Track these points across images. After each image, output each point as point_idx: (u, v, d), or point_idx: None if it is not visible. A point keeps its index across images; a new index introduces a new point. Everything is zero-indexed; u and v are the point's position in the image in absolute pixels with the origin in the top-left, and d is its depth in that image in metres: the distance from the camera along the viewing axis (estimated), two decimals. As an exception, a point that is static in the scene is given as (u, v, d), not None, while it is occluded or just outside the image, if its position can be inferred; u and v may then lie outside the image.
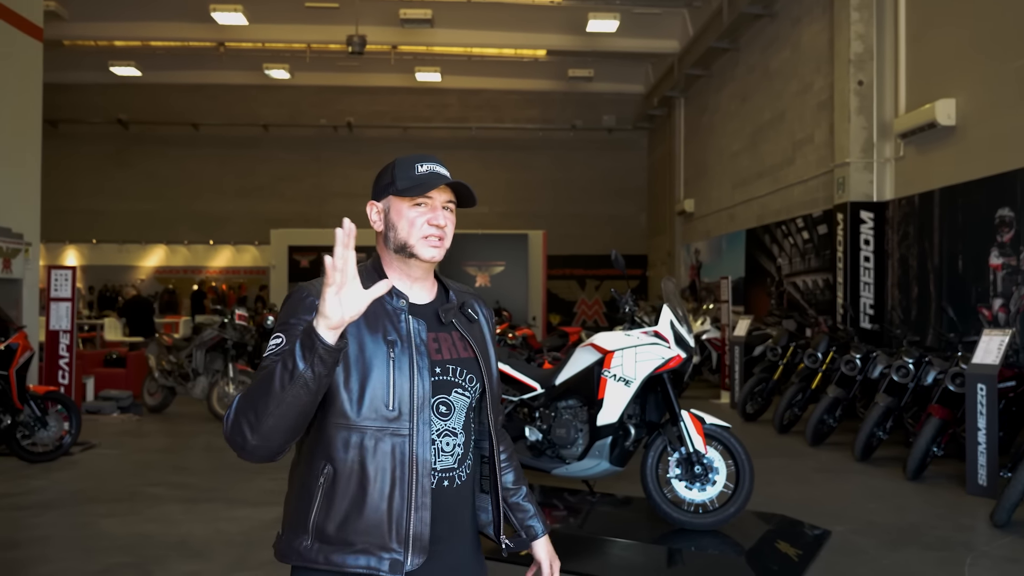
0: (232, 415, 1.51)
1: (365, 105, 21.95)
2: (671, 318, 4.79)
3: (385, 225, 1.78)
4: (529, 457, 5.07)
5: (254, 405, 1.48)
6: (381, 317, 1.69)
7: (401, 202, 1.77)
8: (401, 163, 1.82)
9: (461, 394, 1.77)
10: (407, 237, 1.75)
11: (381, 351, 1.66)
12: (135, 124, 21.68)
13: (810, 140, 12.00)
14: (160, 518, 5.34)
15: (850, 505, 5.72)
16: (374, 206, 1.81)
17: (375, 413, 1.63)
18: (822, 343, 8.51)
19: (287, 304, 1.69)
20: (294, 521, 1.66)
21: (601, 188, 22.14)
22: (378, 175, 1.85)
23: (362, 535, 1.61)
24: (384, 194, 1.80)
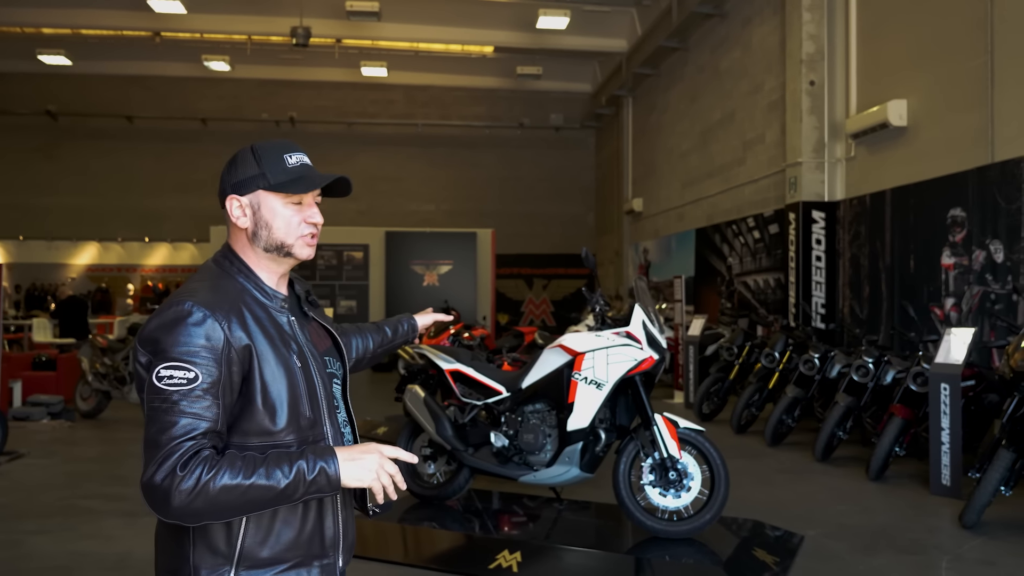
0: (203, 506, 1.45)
1: (309, 100, 21.43)
2: (643, 318, 4.62)
3: (255, 223, 1.67)
4: (495, 464, 4.85)
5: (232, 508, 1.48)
6: (276, 328, 1.65)
7: (274, 198, 1.67)
8: (266, 152, 1.69)
9: (337, 382, 1.79)
10: (284, 237, 1.67)
11: (286, 361, 1.62)
12: (65, 116, 20.75)
13: (761, 140, 12.03)
14: (97, 534, 4.97)
15: (818, 507, 5.65)
16: (236, 200, 1.67)
17: (295, 423, 1.60)
18: (779, 342, 8.47)
19: (176, 327, 1.52)
20: (204, 554, 1.56)
21: (549, 187, 22.02)
22: (234, 165, 1.70)
23: (294, 550, 1.60)
24: (250, 188, 1.66)
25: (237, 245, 1.70)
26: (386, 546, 4.65)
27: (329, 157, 21.55)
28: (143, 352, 1.54)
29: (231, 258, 1.70)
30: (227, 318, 1.56)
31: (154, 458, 1.47)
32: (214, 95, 21.14)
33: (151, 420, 1.50)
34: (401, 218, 20.86)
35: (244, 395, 1.57)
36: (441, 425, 4.98)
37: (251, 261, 1.69)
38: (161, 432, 1.47)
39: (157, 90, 20.99)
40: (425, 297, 17.22)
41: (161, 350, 1.51)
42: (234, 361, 1.55)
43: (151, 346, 1.53)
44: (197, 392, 1.49)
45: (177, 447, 1.46)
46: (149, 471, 1.47)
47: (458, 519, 4.95)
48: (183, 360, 1.49)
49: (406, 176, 21.78)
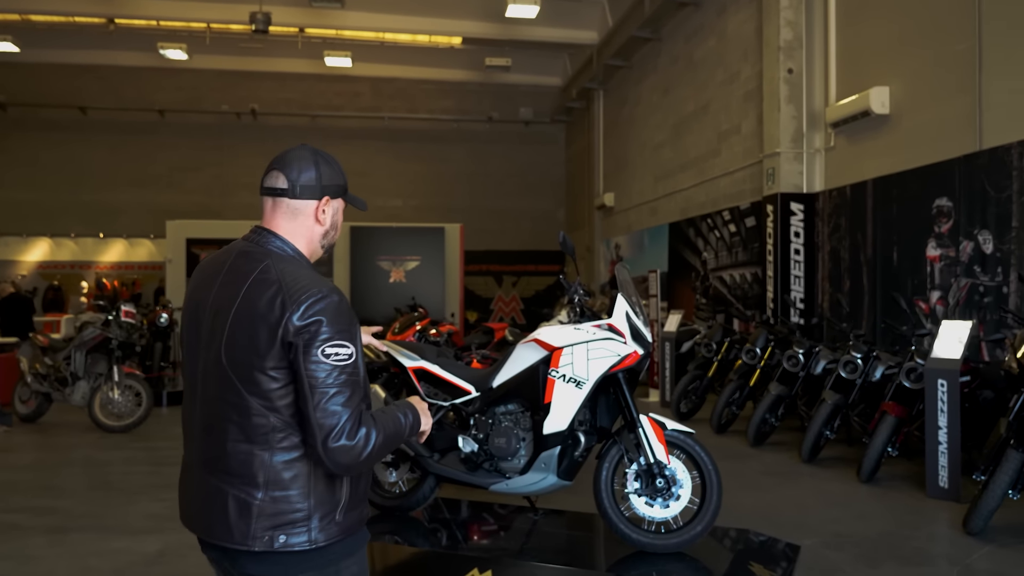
0: (374, 450, 1.78)
1: (271, 91, 20.76)
2: (626, 309, 4.18)
3: (331, 224, 1.94)
4: (463, 472, 4.39)
5: (379, 456, 1.81)
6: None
7: (342, 205, 1.98)
8: (336, 164, 1.96)
9: None
10: (335, 238, 1.98)
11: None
12: (14, 106, 19.89)
13: (736, 131, 11.70)
14: (16, 554, 4.44)
15: (810, 514, 5.28)
16: (330, 204, 1.93)
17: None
18: (760, 338, 8.12)
19: (339, 312, 1.79)
20: (320, 502, 1.81)
21: (518, 182, 21.58)
22: (318, 167, 1.90)
23: (363, 496, 1.93)
24: (338, 194, 1.94)
25: (292, 235, 1.90)
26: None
27: (292, 151, 20.92)
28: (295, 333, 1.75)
29: (295, 250, 1.90)
30: None
31: (338, 425, 1.74)
32: (172, 86, 20.39)
33: (323, 391, 1.75)
34: (368, 213, 19.69)
35: None
36: (404, 429, 4.51)
37: (303, 249, 1.92)
38: (343, 401, 1.76)
39: (111, 80, 20.18)
40: (391, 294, 16.69)
41: (334, 328, 1.76)
42: None
43: (325, 322, 1.76)
44: (352, 366, 1.78)
45: (355, 412, 1.77)
46: (338, 436, 1.74)
47: (423, 532, 4.49)
48: (348, 341, 1.78)
49: (373, 170, 21.18)
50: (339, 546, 1.86)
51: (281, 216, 1.91)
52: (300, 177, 1.88)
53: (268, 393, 1.78)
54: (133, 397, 8.44)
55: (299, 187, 1.88)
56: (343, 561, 1.87)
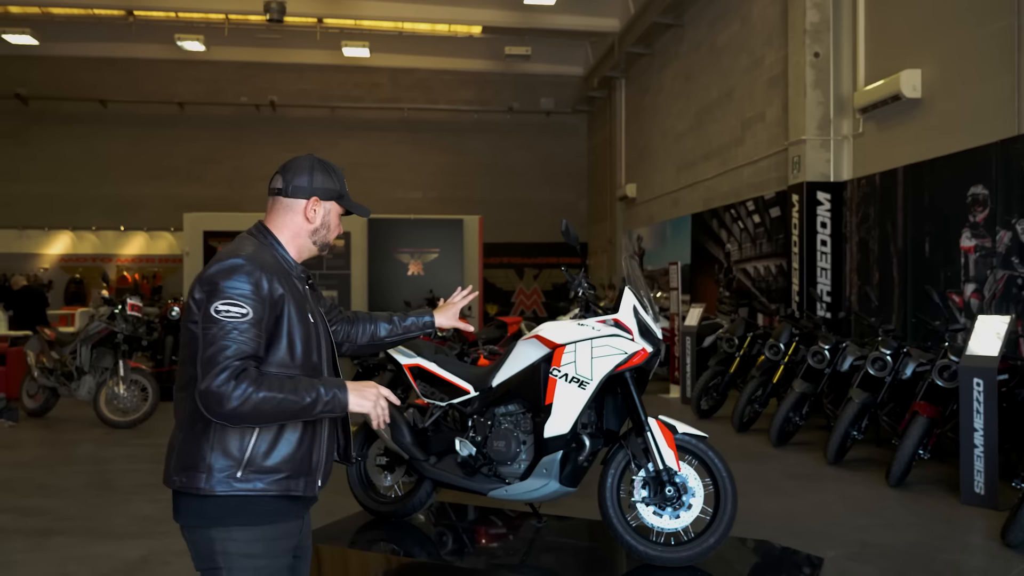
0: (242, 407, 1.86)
1: (290, 83, 20.61)
2: (634, 303, 3.89)
3: (321, 223, 2.16)
4: (460, 476, 4.11)
5: (266, 414, 1.90)
6: (300, 292, 2.10)
7: (338, 209, 2.21)
8: (338, 172, 2.22)
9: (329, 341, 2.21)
10: (331, 238, 2.21)
11: (304, 315, 2.07)
12: (36, 100, 19.92)
13: (761, 118, 11.31)
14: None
15: (835, 521, 4.95)
16: (320, 204, 2.16)
17: (307, 364, 2.05)
18: (784, 333, 7.77)
19: (230, 274, 1.94)
20: (220, 455, 1.93)
21: (539, 173, 21.26)
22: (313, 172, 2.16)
23: (288, 464, 1.99)
24: (330, 197, 2.17)
25: (278, 227, 2.15)
26: (329, 574, 3.94)
27: (311, 143, 20.76)
28: (200, 290, 1.95)
29: (265, 233, 2.15)
30: (270, 274, 1.99)
31: (211, 370, 1.87)
32: (191, 78, 20.32)
33: (208, 343, 1.89)
34: (387, 205, 20.05)
35: (275, 333, 2.00)
36: (397, 430, 4.25)
37: (284, 240, 2.15)
38: (219, 352, 1.88)
39: (131, 73, 20.15)
40: (410, 287, 16.49)
41: (219, 290, 1.92)
42: (272, 305, 1.98)
43: (210, 286, 1.93)
44: (245, 325, 1.90)
45: (230, 364, 1.87)
46: (207, 380, 1.87)
47: (418, 540, 4.24)
48: (237, 299, 1.91)
49: (392, 162, 21.00)
50: (234, 505, 1.94)
51: (275, 212, 2.18)
52: (294, 179, 2.16)
53: (192, 344, 1.97)
54: (139, 392, 8.27)
55: (291, 187, 2.15)
56: (235, 526, 1.94)
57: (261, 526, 1.97)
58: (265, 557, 1.98)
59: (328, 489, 5.18)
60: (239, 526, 1.95)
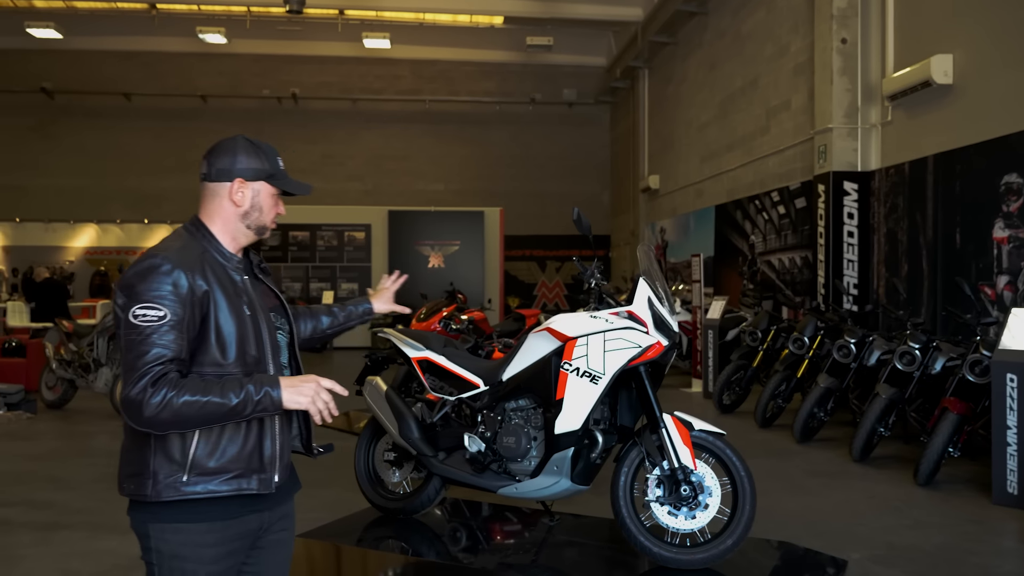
0: (161, 413, 1.79)
1: (311, 75, 20.56)
2: (649, 294, 3.74)
3: (251, 205, 2.06)
4: (469, 473, 3.99)
5: (191, 419, 1.82)
6: (231, 282, 2.00)
7: (269, 190, 2.08)
8: (266, 151, 2.10)
9: (282, 335, 2.15)
10: (266, 220, 2.10)
11: (238, 308, 1.97)
12: (61, 94, 20.03)
13: (786, 107, 11.06)
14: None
15: (860, 521, 4.77)
16: (246, 186, 2.05)
17: (242, 359, 1.96)
18: (808, 326, 7.57)
19: (148, 275, 1.87)
20: (164, 461, 1.88)
21: (562, 165, 21.06)
22: (236, 154, 2.05)
23: (236, 463, 1.93)
24: (255, 176, 2.05)
25: (209, 216, 2.05)
26: (333, 573, 3.84)
27: (333, 135, 20.75)
28: (121, 295, 1.87)
29: (198, 226, 2.05)
30: (191, 270, 1.89)
31: (130, 378, 1.82)
32: (213, 71, 20.33)
33: (128, 349, 1.83)
34: (408, 198, 19.99)
35: (202, 332, 1.91)
36: (405, 425, 4.14)
37: (216, 229, 2.04)
38: (137, 358, 1.81)
39: (155, 67, 20.20)
40: (431, 279, 16.40)
41: (136, 294, 1.85)
42: (195, 304, 1.89)
43: (128, 290, 1.86)
44: (165, 328, 1.83)
45: (149, 369, 1.81)
46: (126, 388, 1.81)
47: (427, 539, 4.13)
48: (154, 302, 1.84)
49: (413, 154, 20.90)
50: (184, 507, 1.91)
51: (204, 200, 2.07)
52: (216, 162, 2.04)
53: (120, 350, 1.93)
54: (155, 384, 8.24)
55: (215, 171, 2.04)
56: (170, 524, 1.91)
57: (194, 528, 1.91)
58: (192, 561, 1.91)
59: (337, 485, 5.11)
60: (173, 524, 1.90)
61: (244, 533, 1.98)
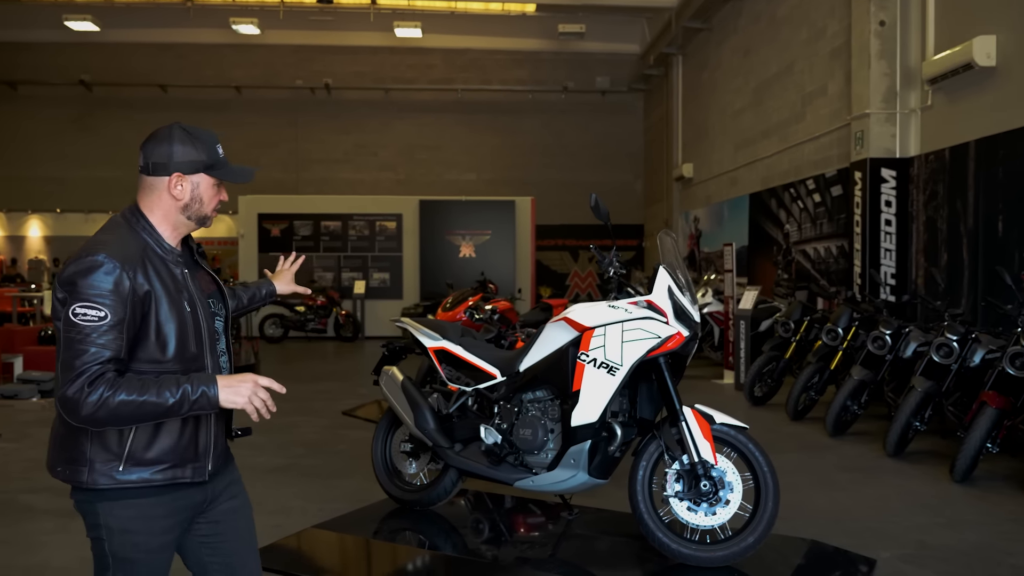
0: (98, 412, 1.81)
1: (344, 65, 20.59)
2: (669, 283, 3.62)
3: (191, 198, 2.05)
4: (485, 465, 3.92)
5: (128, 416, 1.84)
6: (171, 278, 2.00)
7: (209, 180, 2.08)
8: (202, 139, 2.08)
9: (219, 320, 2.17)
10: (207, 211, 2.09)
11: (179, 304, 1.98)
12: (99, 86, 20.31)
13: (822, 92, 10.79)
14: (17, 539, 4.22)
15: (891, 519, 4.61)
16: (184, 179, 2.03)
17: (180, 355, 1.97)
18: (843, 317, 7.37)
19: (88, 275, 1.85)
20: (99, 451, 1.92)
21: (594, 154, 20.87)
22: (172, 145, 2.03)
23: (172, 454, 1.97)
24: (193, 169, 2.04)
25: (148, 208, 2.03)
26: (348, 565, 3.79)
27: (366, 125, 20.77)
28: (61, 290, 1.89)
29: (138, 216, 2.03)
30: (133, 269, 1.90)
31: (68, 377, 1.84)
32: (247, 62, 20.46)
33: (66, 347, 1.85)
34: (441, 187, 19.96)
35: (142, 330, 1.93)
36: (421, 416, 4.08)
37: (156, 221, 2.03)
38: (75, 357, 1.83)
39: (190, 58, 20.38)
40: (461, 269, 16.36)
41: (77, 291, 1.85)
42: (136, 304, 1.90)
43: (69, 287, 1.86)
44: (104, 328, 1.84)
45: (87, 369, 1.83)
46: (63, 387, 1.84)
47: (443, 531, 4.07)
48: (95, 301, 1.84)
49: (446, 144, 20.86)
50: (119, 492, 1.94)
51: (142, 191, 2.06)
52: (152, 154, 2.03)
53: (57, 344, 1.93)
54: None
55: (151, 164, 2.03)
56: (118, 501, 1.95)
57: (141, 502, 1.96)
58: (143, 534, 1.97)
59: (358, 474, 5.08)
60: (121, 501, 1.95)
61: (190, 505, 2.05)
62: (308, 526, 4.20)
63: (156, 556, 2.00)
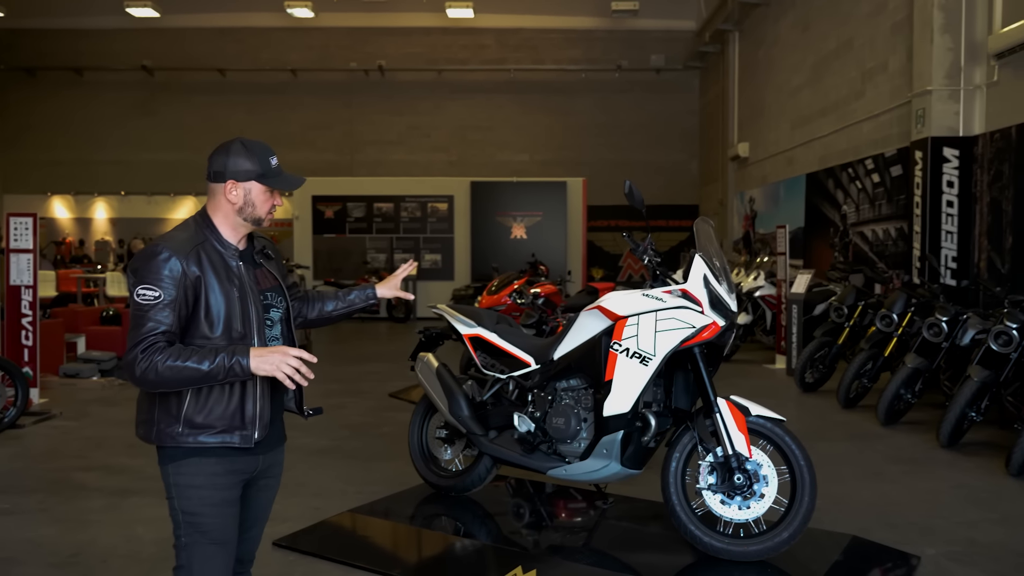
0: (150, 375, 2.13)
1: (397, 47, 20.66)
2: (705, 271, 3.54)
3: (244, 202, 2.34)
4: (518, 453, 3.91)
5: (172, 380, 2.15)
6: (225, 268, 2.31)
7: (260, 187, 2.35)
8: (256, 152, 2.36)
9: (275, 311, 2.45)
10: (260, 213, 2.37)
11: (228, 290, 2.29)
12: (160, 71, 20.77)
13: (883, 68, 10.42)
14: (68, 517, 4.36)
15: (941, 514, 4.46)
16: (237, 186, 2.33)
17: (227, 334, 2.28)
18: (898, 302, 7.14)
19: (148, 262, 2.21)
20: (164, 414, 2.26)
21: (648, 133, 20.57)
22: (229, 155, 2.34)
23: (221, 420, 2.27)
24: (246, 178, 2.33)
25: (212, 210, 2.36)
26: (382, 549, 3.83)
27: (419, 106, 20.83)
28: (130, 277, 2.24)
29: (204, 216, 2.37)
30: (187, 258, 2.23)
31: (129, 345, 2.18)
32: (303, 45, 20.67)
33: (132, 321, 2.20)
34: (493, 168, 19.94)
35: (194, 310, 2.25)
36: (455, 403, 4.08)
37: (218, 222, 2.35)
38: (135, 328, 2.18)
39: (247, 42, 20.68)
40: (512, 250, 16.35)
41: (139, 275, 2.20)
42: (188, 287, 2.23)
43: (134, 272, 2.22)
44: (160, 305, 2.17)
45: (143, 339, 2.17)
46: (126, 353, 2.18)
47: (477, 518, 4.08)
48: (152, 283, 2.18)
49: (498, 124, 20.81)
50: (182, 452, 2.25)
51: (209, 196, 2.38)
52: (213, 165, 2.34)
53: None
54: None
55: (212, 173, 2.34)
56: (183, 461, 2.25)
57: (204, 461, 2.26)
58: (207, 488, 2.26)
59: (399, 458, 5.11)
60: (185, 460, 2.25)
61: (246, 468, 2.34)
62: (345, 509, 4.26)
63: (220, 510, 2.28)
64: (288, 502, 4.61)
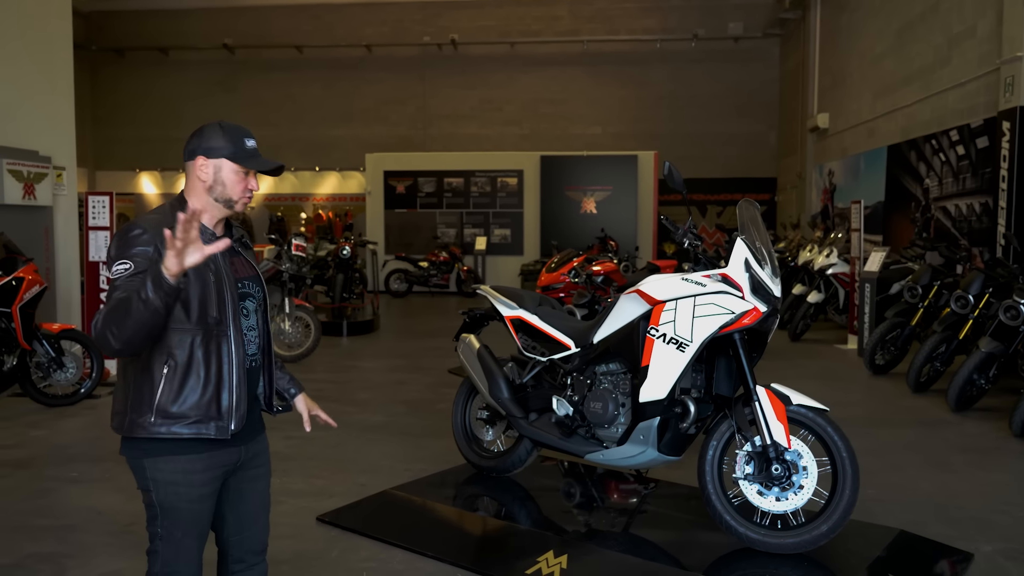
0: (99, 327, 2.04)
1: (471, 20, 20.61)
2: (746, 255, 3.43)
3: (214, 180, 2.30)
4: (557, 437, 3.89)
5: (116, 322, 2.02)
6: None
7: (231, 166, 2.30)
8: (231, 133, 2.33)
9: (252, 300, 2.41)
10: (232, 194, 2.31)
11: (203, 274, 2.23)
12: (241, 49, 21.27)
13: (971, 34, 9.87)
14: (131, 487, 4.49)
15: (1004, 507, 4.26)
16: (208, 163, 2.29)
17: (203, 319, 2.23)
18: (975, 283, 6.79)
19: (123, 239, 2.18)
20: (136, 403, 2.22)
21: (725, 104, 20.03)
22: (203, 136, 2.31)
23: (195, 410, 2.22)
24: (215, 155, 2.29)
25: (188, 191, 2.32)
26: (418, 528, 3.88)
27: (491, 80, 20.79)
28: (108, 254, 2.20)
29: (180, 200, 2.33)
30: (160, 236, 2.14)
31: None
32: (377, 20, 20.83)
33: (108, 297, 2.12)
34: (566, 142, 19.78)
35: None
36: (495, 385, 4.09)
37: (192, 202, 2.30)
38: (108, 298, 2.11)
39: (323, 18, 20.97)
40: (582, 225, 16.24)
41: (114, 251, 2.17)
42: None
43: (111, 250, 2.19)
44: (128, 276, 2.11)
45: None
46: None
47: (517, 500, 4.09)
48: (124, 257, 2.15)
49: (571, 97, 20.60)
50: (156, 444, 2.21)
51: (185, 176, 2.35)
52: (188, 143, 2.31)
53: None
54: (303, 328, 8.70)
55: (186, 151, 2.31)
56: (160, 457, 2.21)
57: (181, 458, 2.21)
58: (184, 485, 2.22)
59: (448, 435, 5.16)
60: (163, 456, 2.21)
61: (226, 460, 2.30)
62: (390, 486, 4.34)
63: (197, 505, 2.25)
64: (336, 478, 4.72)
